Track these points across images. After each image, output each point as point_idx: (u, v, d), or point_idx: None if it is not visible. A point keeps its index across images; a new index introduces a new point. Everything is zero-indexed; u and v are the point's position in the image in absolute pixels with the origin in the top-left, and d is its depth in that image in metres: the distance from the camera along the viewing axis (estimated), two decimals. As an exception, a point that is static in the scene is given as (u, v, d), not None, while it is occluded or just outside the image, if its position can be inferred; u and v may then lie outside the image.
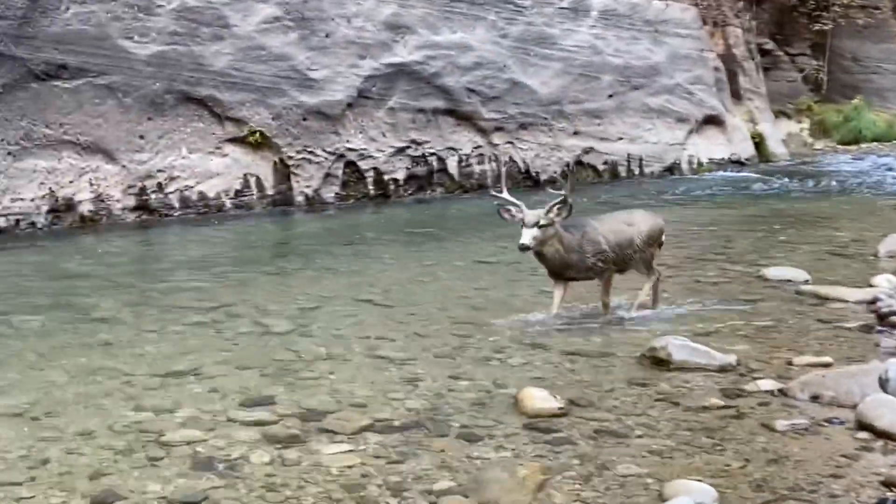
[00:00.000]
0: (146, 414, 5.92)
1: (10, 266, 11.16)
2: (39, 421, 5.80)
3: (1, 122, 13.17)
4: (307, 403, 6.09)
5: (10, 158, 13.26)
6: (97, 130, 14.14)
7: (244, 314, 8.56)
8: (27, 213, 13.32)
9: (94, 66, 14.05)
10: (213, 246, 12.90)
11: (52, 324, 8.20)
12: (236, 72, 15.65)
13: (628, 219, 8.28)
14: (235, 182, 15.77)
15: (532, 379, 6.56)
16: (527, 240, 7.55)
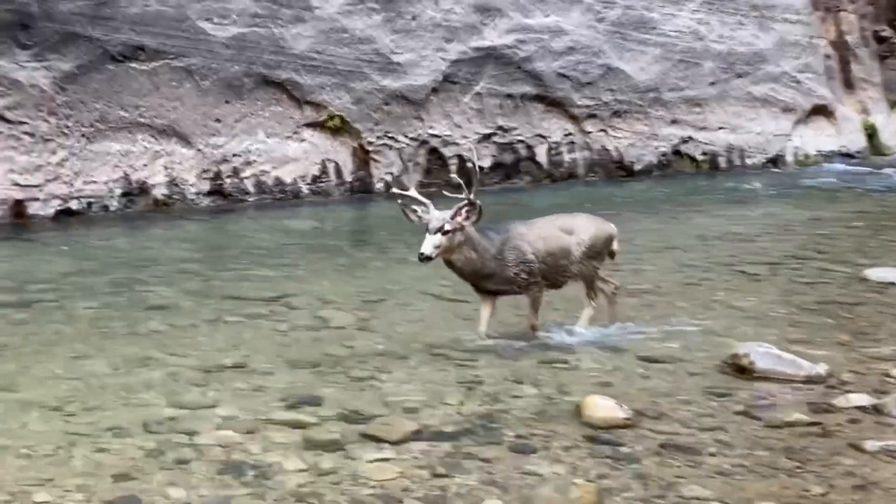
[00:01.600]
0: (183, 411, 5.69)
1: (79, 250, 11.16)
2: (74, 415, 5.62)
3: (76, 104, 13.22)
4: (354, 405, 5.77)
5: (85, 141, 13.30)
6: (173, 113, 14.11)
7: (304, 306, 8.33)
8: (100, 196, 13.37)
9: (171, 48, 14.03)
10: (284, 233, 12.75)
11: (107, 311, 8.09)
12: (317, 55, 15.49)
13: (567, 224, 7.20)
14: (313, 168, 15.61)
15: (600, 386, 6.11)
16: (427, 249, 6.56)
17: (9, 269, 10.05)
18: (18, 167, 12.68)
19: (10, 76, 12.61)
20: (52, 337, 7.29)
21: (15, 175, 12.64)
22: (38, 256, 10.81)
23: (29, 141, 12.78)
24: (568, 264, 7.06)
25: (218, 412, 5.66)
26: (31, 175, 12.78)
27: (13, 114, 12.65)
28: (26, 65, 12.73)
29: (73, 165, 13.15)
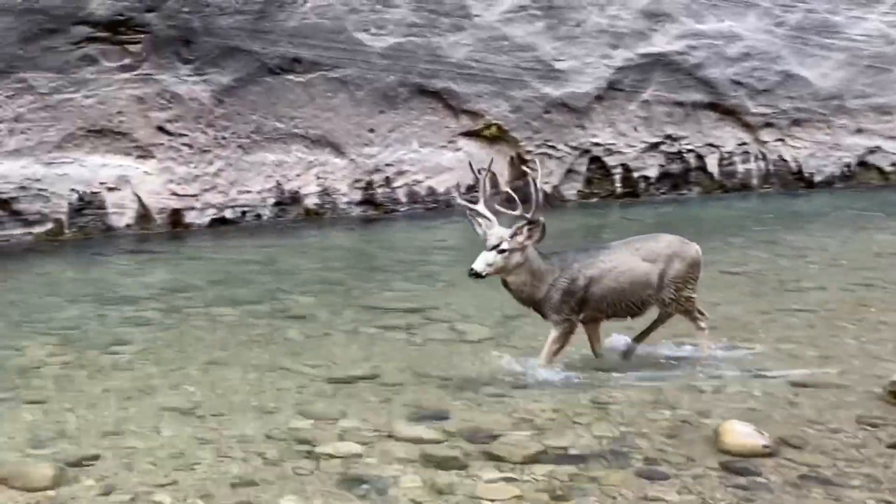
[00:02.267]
0: (308, 422, 5.81)
1: (231, 256, 11.68)
2: (203, 420, 5.85)
3: (233, 116, 13.81)
4: (480, 422, 5.73)
5: (241, 151, 13.87)
6: (327, 124, 14.53)
7: (442, 319, 8.38)
8: (253, 205, 13.92)
9: (327, 59, 14.44)
10: (433, 244, 12.88)
11: (248, 318, 8.39)
12: (475, 63, 15.61)
13: (648, 249, 6.74)
14: (468, 177, 15.65)
15: (743, 411, 5.83)
16: (479, 265, 6.31)
17: (163, 276, 10.65)
18: (177, 177, 13.36)
19: (172, 90, 13.31)
20: (192, 342, 7.62)
21: (173, 185, 13.33)
22: (190, 264, 11.38)
23: (188, 152, 13.46)
24: (650, 295, 6.70)
25: (342, 424, 5.74)
26: (188, 185, 13.45)
27: (173, 126, 13.36)
28: (187, 79, 13.40)
29: (228, 175, 13.76)
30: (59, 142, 12.49)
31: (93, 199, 12.64)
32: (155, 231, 13.03)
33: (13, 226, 12.18)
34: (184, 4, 13.20)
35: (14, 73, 12.17)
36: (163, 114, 13.23)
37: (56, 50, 12.44)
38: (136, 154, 13.05)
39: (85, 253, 11.79)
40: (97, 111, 12.74)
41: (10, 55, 12.10)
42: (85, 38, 12.64)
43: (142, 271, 10.94)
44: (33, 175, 12.23)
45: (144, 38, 13.04)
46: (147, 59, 13.09)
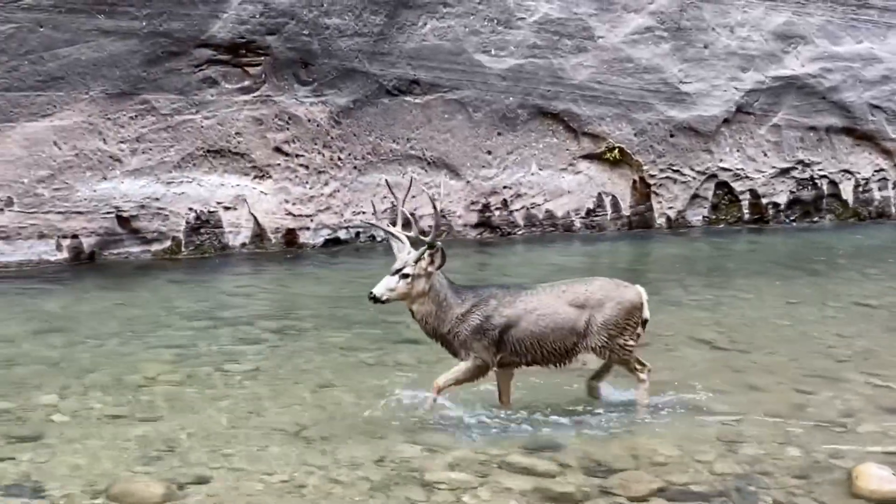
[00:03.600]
0: (418, 449, 5.76)
1: (343, 278, 11.80)
2: (312, 443, 5.86)
3: (350, 137, 14.00)
4: (598, 456, 5.61)
5: (356, 172, 14.04)
6: (443, 146, 14.61)
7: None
8: (367, 226, 13.98)
9: (446, 81, 14.56)
10: (552, 268, 12.70)
11: (359, 341, 8.41)
12: (598, 85, 15.52)
13: (577, 294, 6.31)
14: (588, 201, 15.62)
15: (881, 454, 5.54)
16: (379, 290, 6.08)
17: (276, 296, 10.82)
18: (292, 198, 13.59)
19: (290, 111, 13.57)
20: (303, 364, 7.67)
21: (289, 205, 13.56)
22: (303, 284, 11.54)
23: (304, 173, 13.68)
24: (576, 344, 6.26)
25: (454, 453, 5.65)
26: (303, 205, 13.66)
27: (290, 147, 13.60)
28: (304, 100, 13.65)
29: (343, 196, 13.94)
30: (179, 161, 12.86)
31: (210, 218, 12.95)
32: (269, 250, 13.28)
33: (132, 243, 12.55)
34: (304, 27, 13.47)
35: (137, 94, 12.59)
36: (280, 134, 13.49)
37: (178, 72, 12.83)
38: (252, 174, 13.34)
39: (201, 271, 12.07)
40: (216, 132, 13.08)
41: (134, 77, 12.53)
42: (206, 61, 13.00)
43: (255, 291, 11.12)
44: (153, 194, 12.60)
45: (264, 60, 13.34)
46: (266, 80, 13.39)
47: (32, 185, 11.88)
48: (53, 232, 12.05)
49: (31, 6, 11.89)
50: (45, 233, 12.01)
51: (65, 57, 12.15)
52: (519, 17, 15.09)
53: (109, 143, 12.42)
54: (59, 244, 12.07)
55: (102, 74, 12.34)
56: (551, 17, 15.28)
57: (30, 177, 11.90)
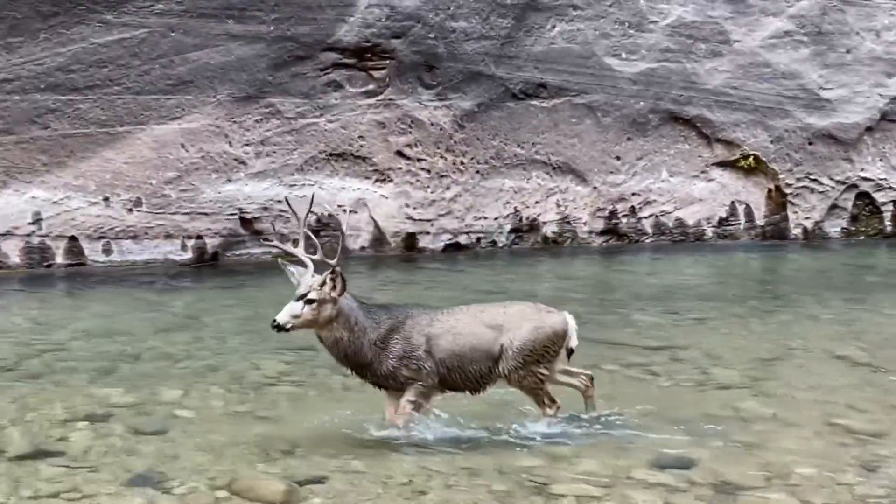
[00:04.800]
0: (542, 460, 5.69)
1: (464, 283, 11.89)
2: (431, 449, 5.81)
3: (473, 141, 14.07)
4: (728, 474, 5.44)
5: (479, 177, 14.11)
6: (570, 150, 14.56)
7: (689, 359, 8.09)
8: (489, 231, 14.12)
9: (574, 84, 14.52)
10: (680, 278, 12.57)
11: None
12: (733, 90, 15.27)
13: (495, 317, 6.03)
14: (720, 209, 15.35)
15: None
16: (283, 317, 5.70)
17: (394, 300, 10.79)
18: (413, 202, 13.74)
19: (413, 115, 13.73)
20: None
21: (409, 209, 13.72)
22: (422, 289, 11.68)
23: (425, 177, 13.82)
24: (491, 369, 5.95)
25: (578, 464, 5.61)
26: (424, 209, 13.80)
27: (412, 151, 13.76)
28: (428, 104, 13.78)
29: (465, 201, 14.03)
30: (302, 164, 13.14)
31: (330, 220, 13.15)
32: (388, 254, 13.46)
33: (254, 244, 12.87)
34: (430, 30, 13.59)
35: (263, 98, 12.91)
36: (402, 138, 13.65)
37: (303, 76, 13.11)
38: (374, 178, 13.53)
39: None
40: (339, 135, 13.31)
41: (260, 81, 12.85)
42: (332, 65, 13.26)
43: (374, 294, 11.21)
44: (275, 196, 12.85)
45: (389, 63, 13.53)
46: (390, 84, 13.56)
47: (160, 187, 12.29)
48: (179, 232, 12.45)
49: (163, 11, 12.32)
50: (171, 233, 12.41)
51: (194, 61, 12.53)
52: (651, 20, 14.98)
53: (235, 146, 12.76)
54: (184, 244, 12.46)
55: (230, 78, 12.69)
56: (685, 20, 15.12)
57: (158, 178, 12.31)
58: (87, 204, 11.96)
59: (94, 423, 6.08)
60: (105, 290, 11.08)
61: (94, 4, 12.03)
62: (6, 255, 11.73)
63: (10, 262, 11.71)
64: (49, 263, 11.90)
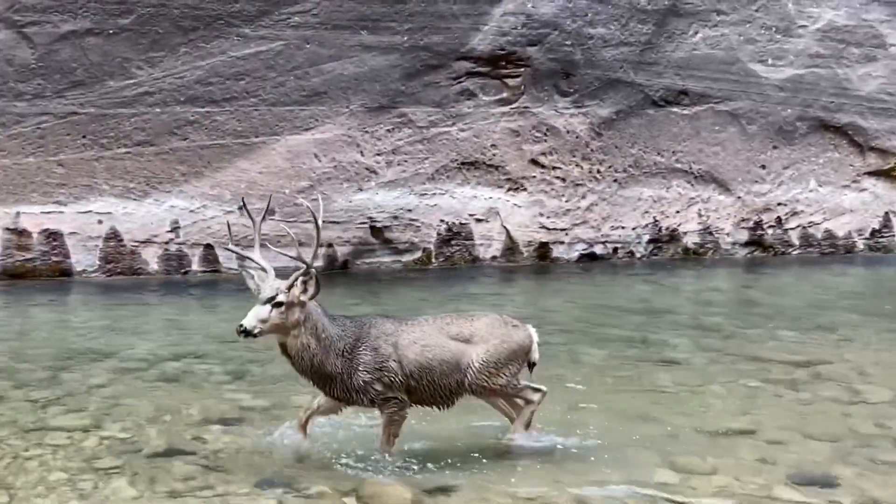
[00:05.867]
0: (675, 474, 5.63)
1: (599, 294, 11.87)
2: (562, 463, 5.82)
3: (610, 149, 14.04)
4: (873, 493, 5.31)
5: (616, 185, 14.07)
6: (712, 159, 14.42)
7: (835, 375, 7.87)
8: (626, 241, 14.06)
9: (717, 91, 14.38)
10: (828, 292, 12.24)
11: (614, 360, 8.35)
12: (888, 96, 14.96)
13: (463, 329, 5.87)
14: (872, 220, 15.01)
15: None
16: (250, 321, 5.46)
17: (526, 311, 10.82)
18: (547, 211, 13.76)
19: (548, 122, 13.76)
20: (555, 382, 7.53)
21: (543, 218, 13.74)
22: (555, 299, 11.63)
23: (560, 185, 13.83)
24: (459, 382, 5.81)
25: (715, 480, 5.54)
26: (558, 219, 13.81)
27: (547, 159, 13.79)
28: (564, 111, 13.80)
29: (601, 210, 13.99)
30: (433, 173, 13.32)
31: (461, 229, 13.31)
32: (520, 264, 13.50)
33: (384, 253, 13.10)
34: (567, 37, 13.61)
35: (396, 107, 13.14)
36: (537, 146, 13.70)
37: (436, 85, 13.28)
38: (507, 186, 13.61)
39: (449, 282, 12.44)
40: (471, 144, 13.44)
41: (393, 91, 13.07)
42: (465, 73, 13.39)
43: (504, 303, 11.28)
44: (406, 205, 13.09)
45: (524, 71, 13.60)
46: (525, 92, 13.62)
47: (293, 196, 12.61)
48: (310, 241, 12.64)
49: (299, 24, 12.66)
50: (303, 241, 12.64)
51: (328, 72, 12.84)
52: (800, 24, 14.73)
53: (366, 156, 13.01)
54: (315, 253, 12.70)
55: (363, 89, 12.95)
56: (837, 24, 14.84)
57: (291, 187, 12.64)
58: (223, 213, 12.37)
59: (227, 426, 6.27)
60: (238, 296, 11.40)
61: (233, 19, 12.45)
62: (146, 262, 12.22)
63: (150, 268, 12.19)
64: (185, 270, 12.36)
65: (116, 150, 12.18)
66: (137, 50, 12.18)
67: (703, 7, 14.32)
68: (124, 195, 12.02)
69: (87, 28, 11.97)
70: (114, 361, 7.85)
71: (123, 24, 12.08)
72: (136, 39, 12.15)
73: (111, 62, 12.11)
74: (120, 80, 12.17)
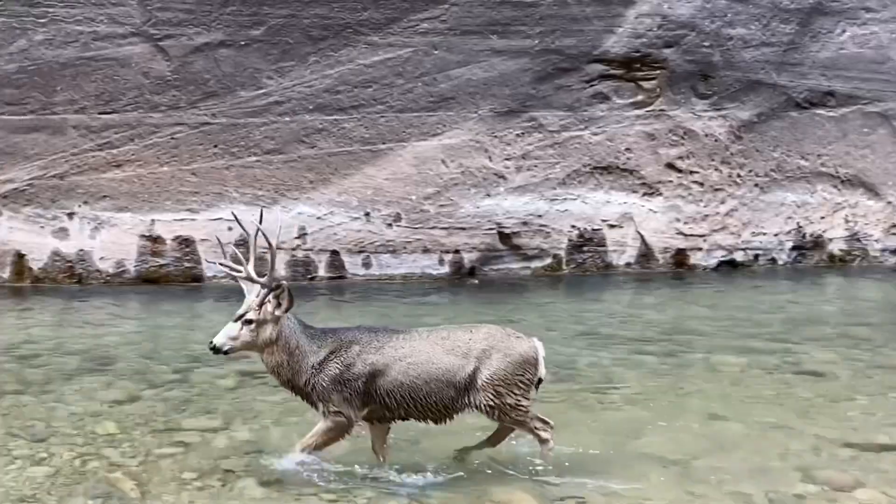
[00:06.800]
0: (816, 488, 5.51)
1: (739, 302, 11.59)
2: (695, 473, 5.76)
3: (751, 153, 13.77)
4: None
5: (757, 190, 13.79)
6: (860, 162, 14.04)
7: None
8: (768, 248, 13.78)
9: (866, 92, 14.02)
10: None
11: (753, 370, 8.17)
12: None
13: (459, 341, 5.65)
14: None
15: None
16: (220, 339, 5.46)
17: (662, 318, 10.82)
18: (684, 216, 13.56)
19: (685, 126, 13.58)
20: (690, 391, 7.57)
21: (680, 224, 13.54)
22: (693, 307, 11.46)
23: (697, 190, 13.62)
24: (454, 399, 5.59)
25: (858, 494, 5.43)
26: (696, 224, 13.59)
27: (684, 163, 13.60)
28: (702, 114, 13.60)
29: (741, 216, 13.73)
30: (564, 178, 13.25)
31: (593, 235, 13.21)
32: (655, 271, 13.34)
33: (512, 260, 13.09)
34: (705, 38, 13.44)
35: (525, 111, 13.14)
36: (673, 150, 13.54)
37: (568, 88, 13.23)
38: (641, 191, 13.47)
39: (581, 289, 12.37)
40: (604, 148, 13.34)
41: (523, 95, 13.09)
42: (598, 76, 13.32)
43: (639, 311, 11.19)
44: (536, 211, 13.06)
45: (660, 73, 13.47)
46: (661, 94, 13.48)
47: (419, 202, 12.73)
48: (437, 247, 12.83)
49: (427, 30, 12.80)
50: (429, 247, 12.81)
51: (456, 78, 12.93)
52: (956, 20, 14.15)
53: (495, 161, 13.04)
54: (441, 259, 12.84)
55: (492, 93, 13.00)
56: None
57: (417, 194, 12.77)
58: (349, 219, 12.58)
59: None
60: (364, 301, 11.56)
61: (362, 27, 12.66)
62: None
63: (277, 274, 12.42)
64: (312, 276, 12.58)
65: (246, 159, 12.51)
66: (268, 60, 12.50)
67: (851, 4, 13.95)
68: (253, 202, 12.31)
69: (220, 40, 12.35)
70: (240, 365, 8.06)
71: (255, 36, 12.41)
72: (267, 50, 12.48)
73: (242, 73, 12.47)
74: (251, 90, 12.51)
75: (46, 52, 12.03)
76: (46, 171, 12.10)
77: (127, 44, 12.18)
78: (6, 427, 6.45)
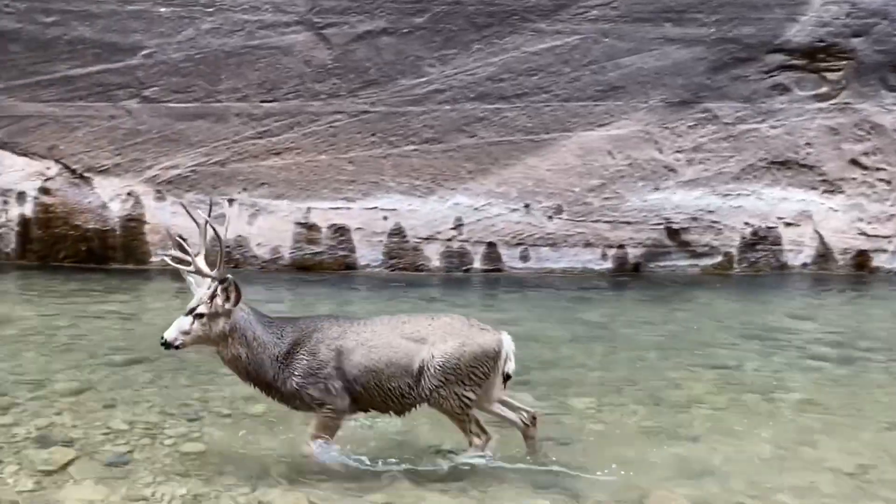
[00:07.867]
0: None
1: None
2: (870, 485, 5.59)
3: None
4: None
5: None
6: None
7: None
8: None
9: None
10: None
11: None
12: None
13: (419, 329, 5.64)
14: None
15: None
16: (171, 334, 5.47)
17: (839, 322, 10.46)
18: (868, 216, 13.08)
19: (873, 120, 13.10)
20: (867, 399, 7.30)
21: (863, 224, 13.06)
22: (875, 311, 11.10)
23: (883, 189, 13.13)
24: (411, 386, 5.58)
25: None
26: (880, 225, 13.10)
27: (870, 159, 13.12)
28: (893, 108, 13.09)
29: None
30: (738, 173, 12.94)
31: (768, 233, 12.86)
32: (834, 273, 12.91)
33: (680, 257, 12.84)
34: (895, 28, 12.96)
35: (699, 102, 12.89)
36: (858, 146, 13.07)
37: (745, 79, 12.93)
38: (821, 188, 13.05)
39: (753, 289, 12.02)
40: (782, 142, 12.98)
41: (697, 85, 12.83)
42: (778, 67, 12.97)
43: (816, 314, 10.84)
44: (707, 206, 12.79)
45: (846, 64, 13.03)
46: (847, 86, 13.01)
47: (583, 194, 12.60)
48: (600, 241, 12.68)
49: (597, 17, 12.71)
50: (592, 241, 12.67)
51: (626, 66, 12.78)
52: None
53: (665, 153, 12.81)
54: (604, 253, 12.68)
55: (663, 83, 12.80)
56: None
57: (581, 185, 12.65)
58: (508, 210, 12.56)
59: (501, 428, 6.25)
60: (522, 295, 11.49)
61: (529, 13, 12.66)
62: (428, 258, 12.58)
63: (431, 264, 12.53)
64: (467, 268, 12.61)
65: (404, 148, 12.64)
66: (430, 48, 12.62)
67: None
68: (410, 192, 12.45)
69: (382, 28, 12.54)
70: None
71: (418, 23, 12.57)
72: (430, 38, 12.60)
73: (404, 61, 12.62)
74: (411, 79, 12.65)
75: (213, 41, 12.44)
76: (209, 157, 12.49)
77: (291, 32, 12.49)
78: (162, 405, 6.66)
